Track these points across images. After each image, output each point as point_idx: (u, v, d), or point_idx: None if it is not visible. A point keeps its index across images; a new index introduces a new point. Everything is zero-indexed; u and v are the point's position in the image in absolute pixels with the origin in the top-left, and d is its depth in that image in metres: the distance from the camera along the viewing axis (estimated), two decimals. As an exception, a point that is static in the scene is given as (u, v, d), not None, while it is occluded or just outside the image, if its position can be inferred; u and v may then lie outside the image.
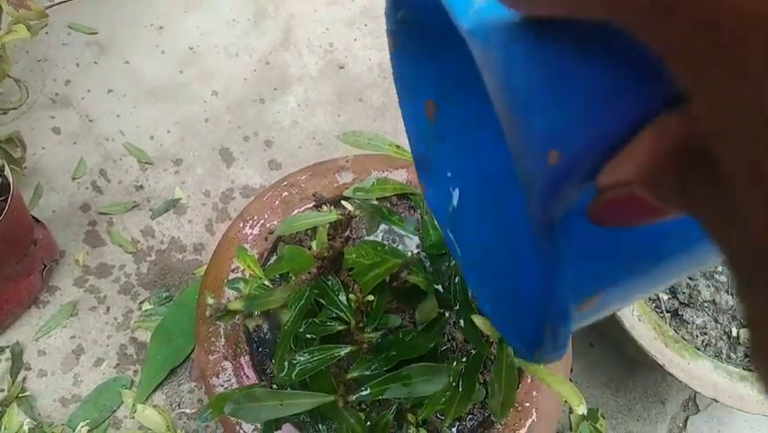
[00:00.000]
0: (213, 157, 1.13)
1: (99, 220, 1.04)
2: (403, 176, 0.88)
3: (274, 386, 0.49)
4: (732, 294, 0.89)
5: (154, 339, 0.93)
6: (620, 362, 1.06)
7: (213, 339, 0.71)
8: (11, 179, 0.78)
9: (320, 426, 0.49)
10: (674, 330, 0.84)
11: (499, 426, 0.71)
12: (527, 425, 0.71)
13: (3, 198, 0.79)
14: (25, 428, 0.83)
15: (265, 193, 0.81)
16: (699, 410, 1.06)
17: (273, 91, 1.24)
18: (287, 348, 0.45)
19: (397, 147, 0.59)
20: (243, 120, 1.19)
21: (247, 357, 0.67)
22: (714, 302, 0.87)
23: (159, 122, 1.16)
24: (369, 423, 0.53)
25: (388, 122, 1.24)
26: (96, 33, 1.23)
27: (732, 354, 0.86)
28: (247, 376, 0.66)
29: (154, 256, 1.02)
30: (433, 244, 0.53)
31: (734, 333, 0.86)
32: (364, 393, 0.41)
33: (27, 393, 0.87)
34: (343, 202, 0.80)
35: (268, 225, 0.78)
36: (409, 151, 0.63)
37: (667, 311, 0.87)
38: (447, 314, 0.49)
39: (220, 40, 1.28)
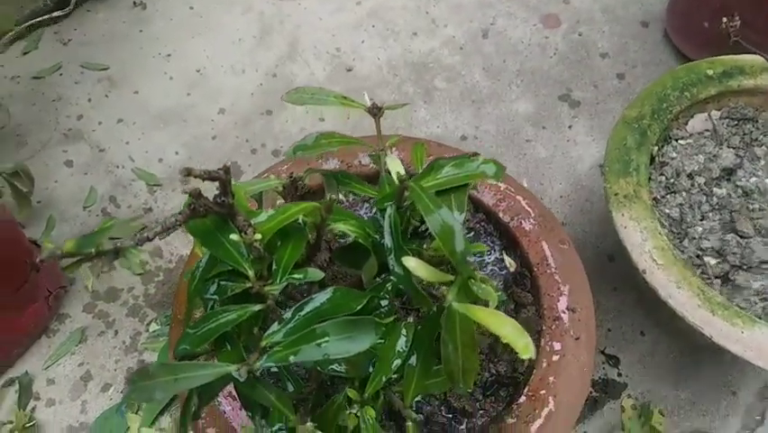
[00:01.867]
0: (220, 172, 1.10)
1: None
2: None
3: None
4: (800, 252, 0.74)
5: (160, 360, 0.89)
6: (678, 350, 0.92)
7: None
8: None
9: (255, 411, 0.42)
10: (727, 298, 0.70)
11: (512, 419, 0.61)
12: (544, 415, 0.61)
13: None
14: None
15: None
16: (785, 400, 0.89)
17: (280, 102, 1.21)
18: (190, 314, 0.39)
19: (344, 98, 0.53)
20: (251, 133, 1.16)
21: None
22: (777, 262, 0.73)
23: (167, 144, 1.15)
24: (317, 408, 0.45)
25: (400, 117, 1.17)
26: (108, 69, 1.26)
27: (806, 322, 0.71)
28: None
29: (162, 276, 0.99)
30: (383, 198, 0.46)
31: (806, 296, 0.72)
32: (272, 356, 0.34)
33: (32, 423, 0.85)
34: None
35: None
36: (358, 101, 0.56)
37: (716, 277, 0.74)
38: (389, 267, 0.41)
39: (226, 59, 1.27)
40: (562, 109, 1.18)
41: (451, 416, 0.65)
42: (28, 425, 0.84)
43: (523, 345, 0.32)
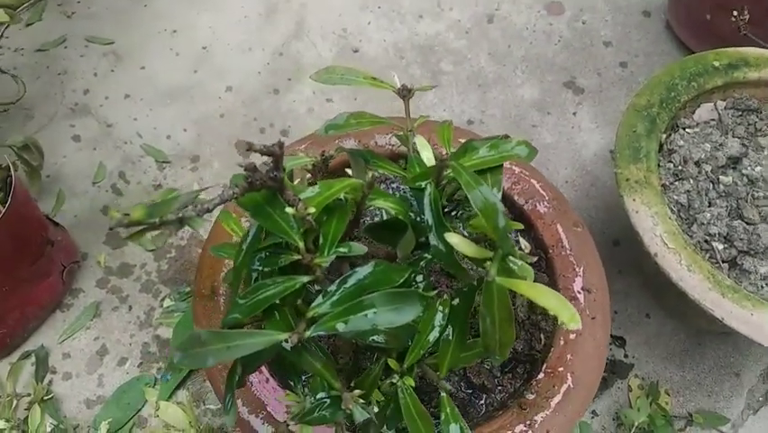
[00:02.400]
0: (229, 151, 1.11)
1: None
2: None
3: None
4: (801, 238, 0.77)
5: (176, 335, 0.91)
6: (683, 332, 0.95)
7: (212, 315, 0.67)
8: (13, 177, 0.78)
9: (292, 377, 0.44)
10: (734, 282, 0.73)
11: (531, 394, 0.63)
12: (562, 391, 0.63)
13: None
14: (48, 429, 0.81)
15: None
16: (782, 381, 0.93)
17: (288, 81, 1.21)
18: (238, 285, 0.40)
19: (374, 79, 0.54)
20: (258, 112, 1.17)
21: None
22: (779, 248, 0.76)
23: (175, 121, 1.15)
24: (354, 379, 0.47)
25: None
26: (113, 43, 1.25)
27: (807, 306, 0.74)
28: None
29: (174, 253, 1.00)
30: (416, 177, 0.47)
31: (807, 281, 0.75)
32: (321, 327, 0.36)
33: (50, 396, 0.86)
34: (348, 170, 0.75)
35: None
36: (388, 82, 0.58)
37: (724, 261, 0.76)
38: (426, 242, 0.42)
39: (233, 37, 1.27)
40: (567, 96, 1.20)
41: (470, 391, 0.67)
42: (46, 397, 0.86)
43: (569, 315, 0.34)
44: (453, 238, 0.38)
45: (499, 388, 0.68)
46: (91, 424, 0.85)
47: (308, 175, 0.61)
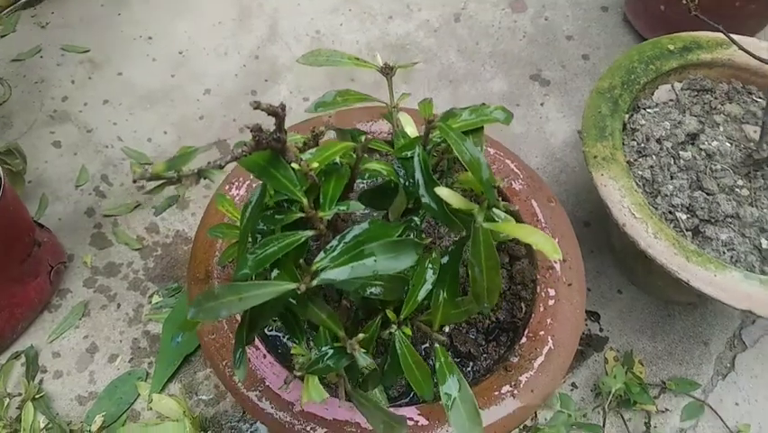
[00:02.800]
0: (209, 151, 1.13)
1: (104, 222, 1.04)
2: (385, 127, 0.86)
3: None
4: (756, 206, 0.83)
5: (166, 330, 0.92)
6: (653, 305, 1.00)
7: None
8: (2, 178, 0.79)
9: (297, 333, 0.47)
10: (698, 248, 0.78)
11: (515, 358, 0.67)
12: (544, 352, 0.67)
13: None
14: (41, 425, 0.82)
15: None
16: (747, 347, 0.99)
17: (264, 83, 1.24)
18: (244, 245, 0.43)
19: (357, 59, 0.57)
20: (237, 113, 1.19)
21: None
22: (738, 216, 0.81)
23: (155, 125, 1.17)
24: (358, 334, 0.50)
25: (382, 97, 1.22)
26: (89, 51, 1.26)
27: (765, 268, 0.79)
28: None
29: (160, 251, 1.02)
30: (402, 147, 0.51)
31: (764, 245, 0.80)
32: (327, 274, 0.39)
33: (42, 394, 0.87)
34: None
35: (254, 185, 0.77)
36: (370, 62, 0.61)
37: (687, 230, 0.82)
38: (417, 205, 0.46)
39: (208, 41, 1.30)
40: (534, 88, 1.25)
41: (458, 360, 0.71)
42: (38, 396, 0.86)
43: (551, 246, 0.37)
44: (443, 191, 0.42)
45: (485, 355, 0.71)
46: (84, 420, 0.86)
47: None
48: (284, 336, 0.71)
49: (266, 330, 0.70)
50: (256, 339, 0.67)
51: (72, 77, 1.22)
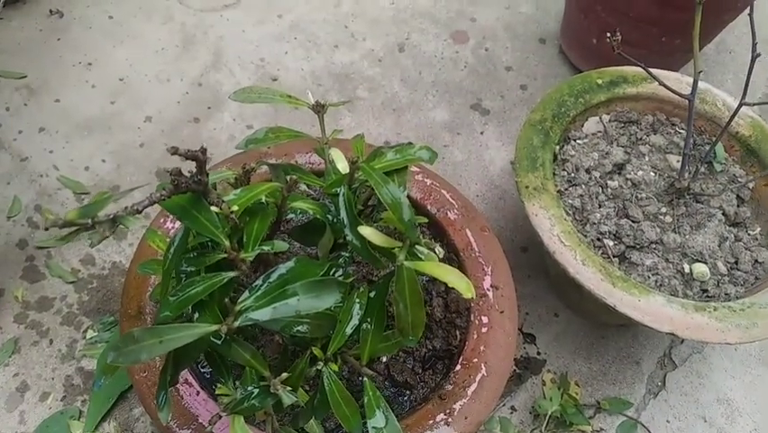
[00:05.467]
0: (150, 180, 1.12)
1: (37, 255, 1.01)
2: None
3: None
4: (679, 232, 0.87)
5: (100, 366, 0.90)
6: (588, 328, 1.04)
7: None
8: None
9: (224, 373, 0.47)
10: (624, 273, 0.82)
11: (450, 385, 0.68)
12: (477, 379, 0.69)
13: None
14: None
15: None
16: (677, 366, 1.03)
17: (207, 110, 1.24)
18: (167, 287, 0.43)
19: (290, 96, 0.58)
20: (179, 140, 1.18)
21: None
22: (662, 242, 0.86)
23: (93, 153, 1.15)
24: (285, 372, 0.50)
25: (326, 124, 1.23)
26: (26, 77, 1.23)
27: (688, 291, 0.84)
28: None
29: (96, 283, 0.99)
30: (332, 183, 0.52)
31: (686, 269, 0.85)
32: (250, 314, 0.39)
33: (-33, 435, 0.83)
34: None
35: (190, 218, 0.76)
36: (302, 99, 0.62)
37: (614, 256, 0.85)
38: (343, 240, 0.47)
39: (150, 68, 1.29)
40: (474, 117, 1.29)
41: (395, 390, 0.72)
42: (-39, 437, 0.82)
43: (465, 285, 0.39)
44: (366, 230, 0.43)
45: (422, 384, 0.72)
46: (13, 463, 0.83)
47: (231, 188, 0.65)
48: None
49: (200, 367, 0.69)
50: (189, 376, 0.66)
51: (7, 103, 1.19)
